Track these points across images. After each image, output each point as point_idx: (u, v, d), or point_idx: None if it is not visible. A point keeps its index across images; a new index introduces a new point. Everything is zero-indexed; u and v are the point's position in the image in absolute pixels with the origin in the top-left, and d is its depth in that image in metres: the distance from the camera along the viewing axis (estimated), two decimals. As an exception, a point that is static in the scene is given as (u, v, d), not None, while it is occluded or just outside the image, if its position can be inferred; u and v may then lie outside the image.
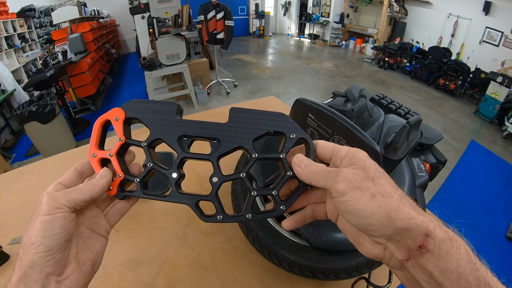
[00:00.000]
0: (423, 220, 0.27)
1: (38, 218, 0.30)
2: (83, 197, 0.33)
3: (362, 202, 0.28)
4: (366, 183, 0.29)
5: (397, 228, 0.27)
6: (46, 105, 3.17)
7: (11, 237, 0.85)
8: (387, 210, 0.27)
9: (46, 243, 0.29)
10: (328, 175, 0.31)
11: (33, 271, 0.28)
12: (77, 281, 0.32)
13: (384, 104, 0.84)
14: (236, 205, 0.71)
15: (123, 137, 0.37)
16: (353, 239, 0.34)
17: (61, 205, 0.31)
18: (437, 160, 0.85)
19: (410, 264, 0.27)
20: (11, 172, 1.21)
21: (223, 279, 0.71)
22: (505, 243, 2.50)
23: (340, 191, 0.29)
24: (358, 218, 0.28)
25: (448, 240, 0.26)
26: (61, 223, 0.30)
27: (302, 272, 0.59)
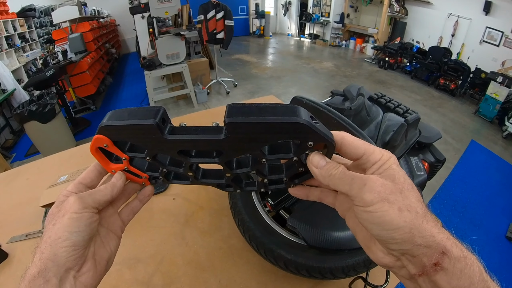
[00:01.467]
0: (442, 238, 0.27)
1: (66, 215, 0.31)
2: (105, 198, 0.35)
3: (389, 215, 0.26)
4: (395, 195, 0.27)
5: (416, 244, 0.26)
6: (46, 104, 3.18)
7: (10, 235, 0.85)
8: (411, 227, 0.26)
9: (72, 239, 0.30)
10: (353, 182, 0.29)
11: (54, 264, 0.29)
12: (92, 278, 0.33)
13: (383, 102, 0.84)
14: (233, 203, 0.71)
15: (126, 156, 0.36)
16: (363, 243, 0.33)
17: (88, 205, 0.33)
18: (435, 159, 0.85)
19: (421, 280, 0.27)
20: (11, 171, 1.21)
21: (219, 278, 0.71)
22: (505, 243, 2.49)
23: (367, 201, 0.27)
24: (381, 230, 0.27)
25: (463, 259, 0.26)
26: (88, 221, 0.32)
27: (299, 271, 0.58)
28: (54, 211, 0.33)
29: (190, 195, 0.97)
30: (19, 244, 0.83)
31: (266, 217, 0.66)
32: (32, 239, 0.84)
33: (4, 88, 3.98)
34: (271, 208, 0.66)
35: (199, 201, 0.95)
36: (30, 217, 0.92)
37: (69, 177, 0.99)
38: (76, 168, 1.06)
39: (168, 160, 0.37)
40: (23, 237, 0.85)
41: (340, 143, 0.31)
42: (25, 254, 0.79)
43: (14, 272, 0.75)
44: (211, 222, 0.86)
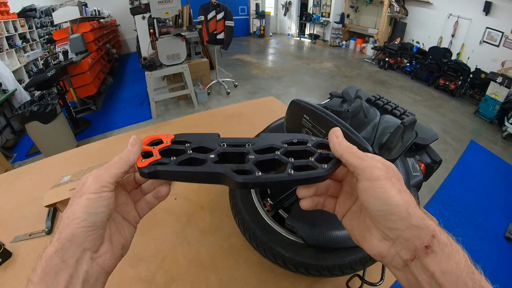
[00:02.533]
0: (431, 223, 0.29)
1: (84, 196, 0.31)
2: (123, 169, 0.34)
3: (391, 192, 0.30)
4: (395, 179, 0.31)
5: (411, 224, 0.29)
6: (47, 105, 3.19)
7: (13, 235, 0.86)
8: (408, 206, 0.29)
9: (90, 219, 0.30)
10: (364, 158, 0.32)
11: (72, 244, 0.29)
12: (110, 260, 0.33)
13: (380, 104, 0.85)
14: (234, 203, 0.72)
15: (170, 143, 0.39)
16: (359, 235, 0.35)
17: (106, 183, 0.32)
18: (432, 160, 0.86)
19: (414, 264, 0.29)
20: (13, 171, 1.22)
21: (220, 276, 0.72)
22: (504, 243, 2.50)
23: (375, 176, 0.31)
24: (383, 205, 0.30)
25: (449, 244, 0.28)
26: (105, 202, 0.32)
27: (297, 268, 0.60)
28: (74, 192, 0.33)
29: (191, 195, 0.99)
30: (22, 243, 0.84)
31: (265, 217, 0.68)
32: (36, 238, 0.85)
33: (5, 89, 3.99)
34: (271, 207, 0.67)
35: (200, 201, 0.96)
36: (33, 217, 0.93)
37: (72, 177, 1.00)
38: (78, 169, 1.07)
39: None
40: (27, 236, 0.85)
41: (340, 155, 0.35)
42: (28, 254, 0.80)
43: (17, 271, 0.75)
44: (212, 221, 0.88)
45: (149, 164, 0.35)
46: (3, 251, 0.77)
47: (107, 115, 4.84)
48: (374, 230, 0.33)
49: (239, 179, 0.33)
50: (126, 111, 4.97)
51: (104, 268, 0.33)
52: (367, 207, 0.32)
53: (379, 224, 0.31)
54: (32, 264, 0.75)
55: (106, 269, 0.33)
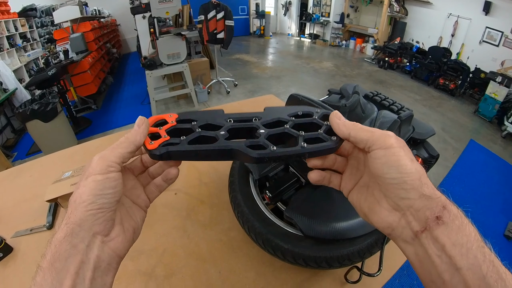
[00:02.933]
0: (441, 195, 0.29)
1: (91, 177, 0.30)
2: (129, 149, 0.33)
3: (404, 160, 0.29)
4: (407, 148, 0.31)
5: (422, 194, 0.29)
6: (48, 103, 3.20)
7: (15, 230, 0.87)
8: (420, 175, 0.29)
9: (98, 202, 0.29)
10: (374, 130, 0.32)
11: (81, 228, 0.29)
12: (122, 244, 0.32)
13: (378, 100, 0.86)
14: (233, 196, 0.73)
15: (175, 122, 0.39)
16: (367, 207, 0.35)
17: (112, 163, 0.31)
18: (429, 154, 0.87)
19: (424, 236, 0.28)
20: (14, 168, 1.22)
21: (220, 269, 0.73)
22: (503, 241, 2.51)
23: (388, 144, 0.30)
24: (396, 173, 0.29)
25: (459, 216, 0.28)
26: (113, 184, 0.31)
27: (296, 260, 0.61)
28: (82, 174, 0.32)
29: (191, 190, 0.99)
30: (23, 238, 0.84)
31: (264, 209, 0.69)
32: (37, 234, 0.86)
33: (5, 88, 4.00)
34: (269, 200, 0.68)
35: (200, 195, 0.97)
36: (34, 212, 0.93)
37: (73, 173, 1.01)
38: (79, 165, 1.08)
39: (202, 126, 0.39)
40: (28, 231, 0.86)
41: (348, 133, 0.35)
42: (29, 248, 0.81)
43: (19, 266, 0.76)
44: (212, 215, 0.89)
45: (159, 146, 0.35)
46: (4, 246, 0.78)
47: (108, 114, 4.85)
48: (384, 201, 0.32)
49: (255, 154, 0.33)
50: (126, 110, 4.98)
51: (116, 252, 0.32)
52: (379, 176, 0.31)
53: (391, 193, 0.31)
54: (33, 258, 0.76)
55: (118, 253, 0.32)
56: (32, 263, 0.77)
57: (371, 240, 0.62)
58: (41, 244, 0.82)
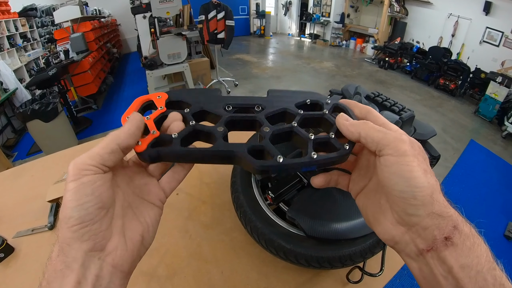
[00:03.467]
0: (454, 213, 0.27)
1: (66, 187, 0.26)
2: (108, 148, 0.28)
3: (417, 172, 0.26)
4: (421, 158, 0.28)
5: (432, 212, 0.26)
6: (48, 103, 3.21)
7: (16, 230, 0.86)
8: (432, 190, 0.26)
9: (75, 215, 0.25)
10: (387, 131, 0.29)
11: (71, 247, 0.25)
12: (122, 258, 0.28)
13: (379, 101, 0.86)
14: (235, 197, 0.73)
15: (164, 108, 0.34)
16: (372, 216, 0.32)
17: (86, 166, 0.26)
18: (430, 155, 0.87)
19: (430, 255, 0.26)
20: (15, 168, 1.22)
21: (222, 269, 0.73)
22: (503, 241, 2.52)
23: (401, 151, 0.27)
24: (407, 186, 0.26)
25: (471, 236, 0.26)
26: (89, 189, 0.26)
27: (298, 260, 0.61)
28: None
29: (193, 190, 1.00)
30: (25, 238, 0.84)
31: (267, 210, 0.69)
32: (38, 234, 0.85)
33: (6, 87, 4.01)
34: (272, 201, 0.68)
35: (201, 196, 0.97)
36: (36, 213, 0.93)
37: (75, 173, 1.01)
38: (81, 165, 1.07)
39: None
40: (29, 231, 0.86)
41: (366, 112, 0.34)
42: (31, 249, 0.81)
43: (20, 266, 0.76)
44: (214, 216, 0.89)
45: (148, 147, 0.30)
46: (6, 246, 0.78)
47: (108, 114, 4.85)
48: (389, 213, 0.29)
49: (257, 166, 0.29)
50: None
51: (117, 267, 0.27)
52: (387, 186, 0.28)
53: (398, 207, 0.28)
54: (34, 259, 0.77)
55: (119, 268, 0.28)
56: (34, 263, 0.77)
57: (373, 240, 0.62)
58: (42, 244, 0.82)
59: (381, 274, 0.61)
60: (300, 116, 0.35)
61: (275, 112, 0.36)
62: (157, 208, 0.34)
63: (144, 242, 0.31)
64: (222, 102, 0.36)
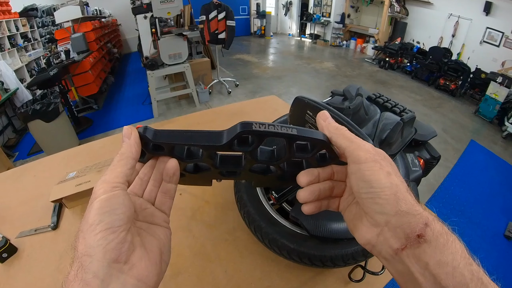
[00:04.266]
0: (424, 211, 0.28)
1: (95, 201, 0.26)
2: (129, 165, 0.30)
3: (378, 174, 0.28)
4: (385, 162, 0.30)
5: (399, 210, 0.27)
6: (49, 103, 3.21)
7: (19, 230, 0.87)
8: (396, 190, 0.28)
9: (105, 219, 0.25)
10: (353, 141, 0.31)
11: (92, 259, 0.24)
12: (147, 269, 0.27)
13: (380, 102, 0.87)
14: (239, 197, 0.74)
15: None
16: (352, 224, 0.34)
17: (115, 183, 0.28)
18: (431, 156, 0.88)
19: (405, 254, 0.27)
20: (18, 168, 1.23)
21: (226, 268, 0.74)
22: (504, 241, 2.52)
23: (362, 158, 0.29)
24: (369, 187, 0.28)
25: (444, 234, 0.26)
26: (119, 199, 0.27)
27: (301, 259, 0.62)
28: None
29: (196, 190, 1.00)
30: (28, 238, 0.84)
31: (270, 210, 0.70)
32: (41, 234, 0.86)
33: (7, 88, 4.01)
34: (275, 201, 0.69)
35: (205, 196, 0.98)
36: (39, 213, 0.93)
37: (78, 173, 1.02)
38: (83, 165, 1.08)
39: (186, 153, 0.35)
40: (32, 231, 0.86)
41: None
42: (34, 249, 0.81)
43: (23, 266, 0.76)
44: (217, 215, 0.90)
45: None
46: (9, 246, 0.78)
47: (109, 114, 4.86)
48: (364, 218, 0.31)
49: None
50: (127, 110, 4.99)
51: (143, 280, 0.26)
52: (355, 191, 0.31)
53: (367, 208, 0.30)
54: (37, 259, 0.77)
55: (146, 281, 0.27)
56: (37, 263, 0.77)
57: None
58: (45, 244, 0.83)
59: (383, 273, 0.62)
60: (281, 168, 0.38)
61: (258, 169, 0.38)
62: (165, 228, 0.34)
63: (164, 257, 0.31)
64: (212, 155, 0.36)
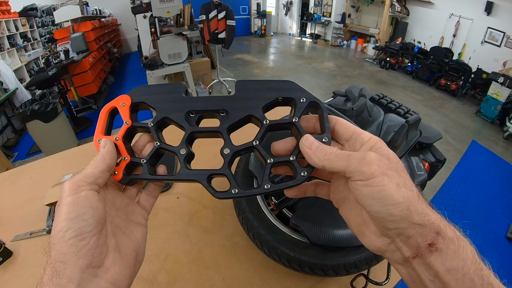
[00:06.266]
0: (436, 218, 0.27)
1: (62, 202, 0.26)
2: (99, 168, 0.30)
3: (389, 190, 0.26)
4: (391, 171, 0.27)
5: (412, 223, 0.26)
6: (48, 103, 3.20)
7: (14, 233, 0.85)
8: (409, 203, 0.26)
9: (74, 226, 0.25)
10: (351, 157, 0.28)
11: (66, 265, 0.24)
12: (121, 274, 0.28)
13: (384, 103, 0.85)
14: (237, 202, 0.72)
15: (129, 121, 0.35)
16: (356, 228, 0.32)
17: (81, 182, 0.28)
18: (436, 159, 0.86)
19: (416, 262, 0.27)
20: (14, 170, 1.21)
21: (223, 275, 0.72)
22: (506, 243, 2.50)
23: (368, 174, 0.27)
24: (381, 206, 0.26)
25: (456, 240, 0.26)
26: (87, 202, 0.26)
27: (302, 268, 0.60)
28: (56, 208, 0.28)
29: (193, 194, 0.98)
30: (23, 242, 0.83)
31: (269, 216, 0.67)
32: (37, 238, 0.84)
33: (6, 88, 4.00)
34: (275, 206, 0.67)
35: (202, 200, 0.95)
36: (34, 216, 0.92)
37: (73, 175, 1.00)
38: (80, 167, 1.06)
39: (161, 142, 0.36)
40: (27, 235, 0.85)
41: (334, 122, 0.33)
42: (29, 253, 0.80)
43: (18, 271, 0.75)
44: (215, 220, 0.87)
45: (123, 175, 0.33)
46: (4, 250, 0.77)
47: (108, 114, 4.83)
48: (372, 225, 0.30)
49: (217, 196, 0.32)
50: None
51: (115, 283, 0.27)
52: (363, 206, 0.28)
53: (378, 224, 0.28)
54: (32, 263, 0.75)
55: (118, 284, 0.27)
56: (32, 267, 0.76)
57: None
58: (40, 248, 0.81)
59: (387, 282, 0.60)
60: (265, 128, 0.34)
61: (239, 121, 0.35)
62: (142, 227, 0.34)
63: (138, 258, 0.32)
64: (185, 104, 0.35)
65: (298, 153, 0.33)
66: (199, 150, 0.36)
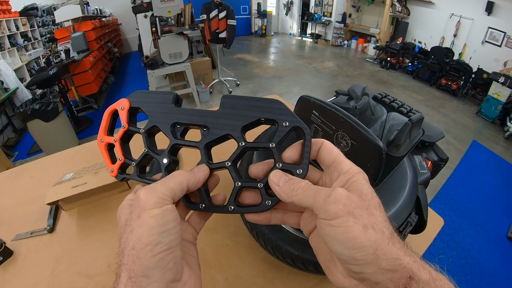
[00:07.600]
0: (409, 261, 0.24)
1: (145, 214, 0.25)
2: (181, 186, 0.29)
3: (353, 232, 0.24)
4: (360, 211, 0.25)
5: (380, 268, 0.24)
6: (49, 103, 3.19)
7: (15, 233, 0.85)
8: (375, 247, 0.24)
9: (164, 241, 0.25)
10: (317, 194, 0.27)
11: (151, 280, 0.24)
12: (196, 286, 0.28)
13: (387, 102, 0.85)
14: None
15: (126, 125, 0.38)
16: (324, 264, 0.30)
17: (164, 195, 0.27)
18: (438, 157, 0.86)
19: None
20: (15, 169, 1.21)
21: (226, 275, 0.71)
22: (507, 243, 2.50)
23: (332, 213, 0.25)
24: (344, 249, 0.24)
25: (432, 281, 0.24)
26: (173, 215, 0.27)
27: (306, 267, 0.59)
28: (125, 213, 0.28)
29: (195, 193, 0.98)
30: (24, 241, 0.83)
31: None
32: (37, 237, 0.84)
33: (6, 87, 4.00)
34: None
35: (204, 199, 0.95)
36: (35, 215, 0.92)
37: (74, 174, 0.99)
38: (80, 166, 1.06)
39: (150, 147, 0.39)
40: (28, 234, 0.85)
41: (319, 145, 0.31)
42: (29, 252, 0.80)
43: (19, 270, 0.75)
44: (217, 219, 0.87)
45: (118, 173, 0.38)
46: (4, 250, 0.76)
47: (109, 114, 4.84)
48: (339, 264, 0.27)
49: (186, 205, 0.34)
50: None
51: None
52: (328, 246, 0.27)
53: (343, 265, 0.26)
54: (33, 262, 0.75)
55: None
56: (33, 267, 0.75)
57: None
58: (41, 247, 0.81)
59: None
60: (240, 150, 0.34)
61: (217, 139, 0.36)
62: (193, 245, 0.34)
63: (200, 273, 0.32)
64: (173, 115, 0.37)
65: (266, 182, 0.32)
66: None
